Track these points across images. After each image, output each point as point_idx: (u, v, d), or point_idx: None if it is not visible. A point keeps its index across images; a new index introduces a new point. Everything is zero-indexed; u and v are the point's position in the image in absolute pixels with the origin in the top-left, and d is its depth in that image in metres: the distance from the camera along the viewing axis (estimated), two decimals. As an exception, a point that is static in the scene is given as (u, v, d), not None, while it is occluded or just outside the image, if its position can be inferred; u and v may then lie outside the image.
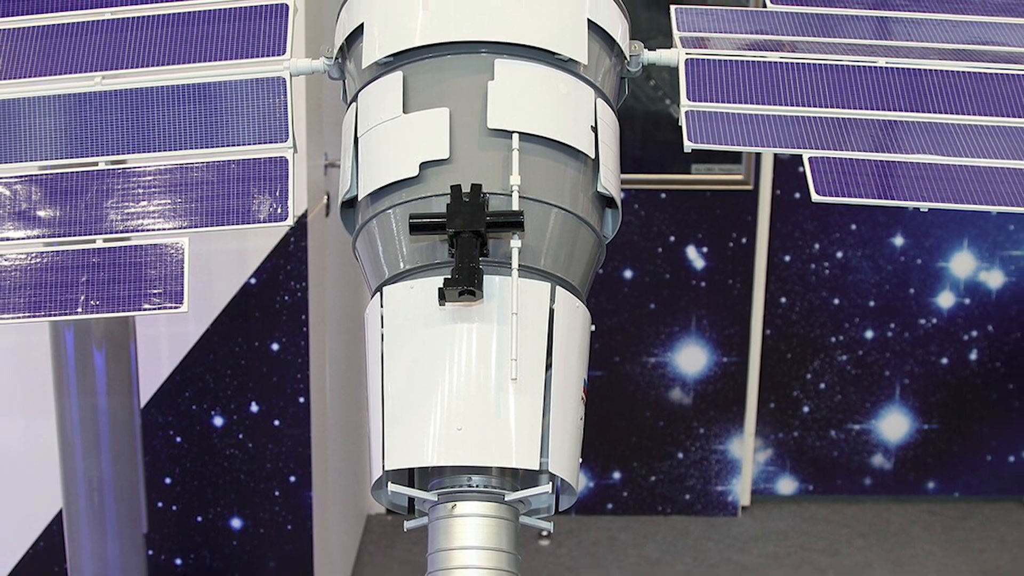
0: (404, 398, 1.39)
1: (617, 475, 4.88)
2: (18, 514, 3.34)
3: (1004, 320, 4.85)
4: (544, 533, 4.57)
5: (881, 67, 1.73)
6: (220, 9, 1.68)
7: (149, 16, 1.68)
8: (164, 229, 1.56)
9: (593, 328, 1.51)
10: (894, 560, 4.57)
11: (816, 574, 4.47)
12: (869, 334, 4.86)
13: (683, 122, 1.66)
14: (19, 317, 1.54)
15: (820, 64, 1.72)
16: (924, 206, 1.61)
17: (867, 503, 5.02)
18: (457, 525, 1.39)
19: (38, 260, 1.56)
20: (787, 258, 4.79)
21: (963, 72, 1.73)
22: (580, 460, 1.44)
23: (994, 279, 4.81)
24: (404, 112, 1.49)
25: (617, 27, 1.64)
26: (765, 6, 1.86)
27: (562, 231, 1.47)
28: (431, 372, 1.38)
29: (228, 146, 1.60)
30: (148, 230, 1.56)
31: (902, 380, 4.90)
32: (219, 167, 1.59)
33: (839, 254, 4.79)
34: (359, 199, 1.53)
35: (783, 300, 4.83)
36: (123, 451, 2.71)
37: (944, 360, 4.88)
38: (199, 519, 3.40)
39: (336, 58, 1.68)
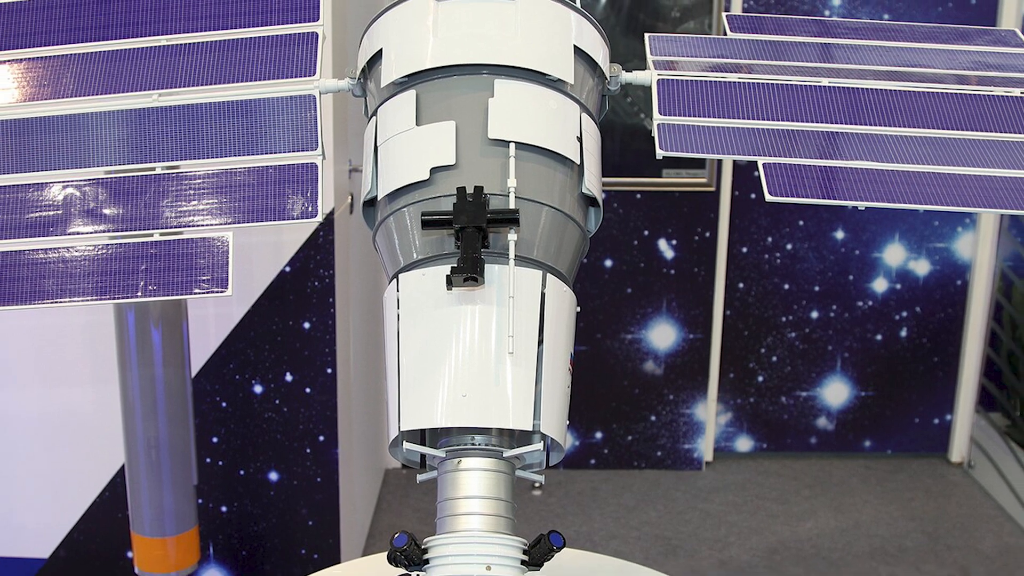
0: (417, 369, 1.39)
1: (599, 435, 4.89)
2: (87, 468, 3.35)
3: (930, 303, 4.86)
4: (536, 485, 4.58)
5: (824, 86, 1.73)
6: (260, 37, 1.67)
7: (200, 43, 1.68)
8: (212, 225, 1.56)
9: (578, 309, 1.51)
10: (836, 508, 4.58)
11: (769, 520, 4.48)
12: (814, 314, 4.86)
13: (655, 133, 1.65)
14: (88, 300, 1.53)
15: (772, 83, 1.72)
16: (862, 205, 1.61)
17: (813, 459, 5.03)
18: (462, 477, 1.39)
19: (104, 251, 1.56)
20: (744, 249, 4.80)
21: (894, 90, 1.73)
22: (567, 422, 1.45)
23: (921, 267, 4.82)
24: (417, 124, 1.49)
25: (599, 52, 1.64)
26: (726, 34, 1.86)
27: (552, 226, 1.47)
28: (440, 347, 1.38)
29: (266, 154, 1.60)
30: (198, 225, 1.56)
31: (842, 354, 4.91)
32: (259, 172, 1.59)
33: (789, 246, 4.79)
34: (378, 199, 1.53)
35: (741, 285, 4.84)
36: (176, 414, 2.71)
37: (878, 337, 4.89)
38: (242, 472, 3.41)
39: (359, 79, 1.67)
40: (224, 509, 3.43)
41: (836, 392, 4.97)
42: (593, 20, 1.63)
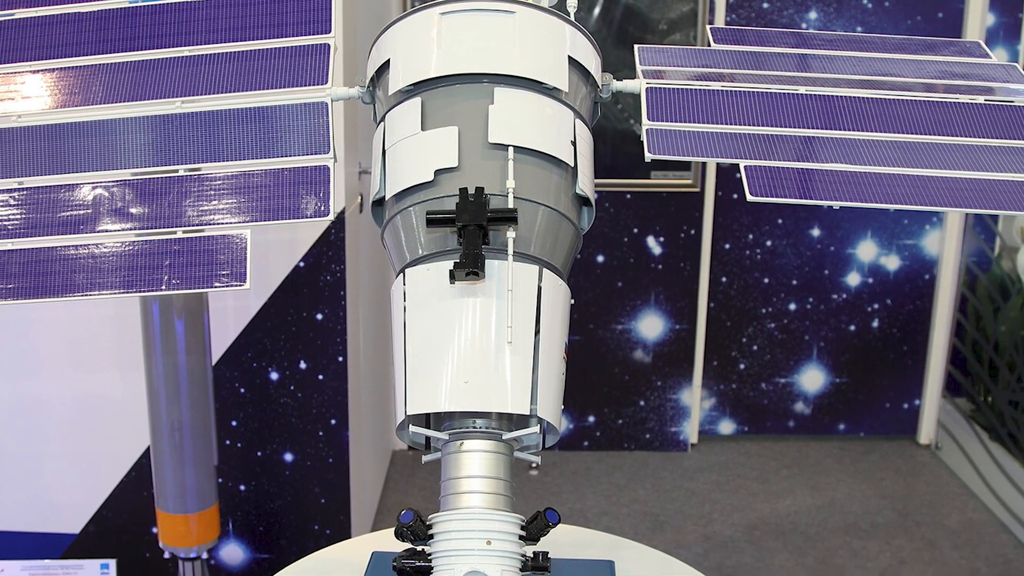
0: (422, 357, 1.39)
1: (592, 418, 4.89)
2: (115, 450, 3.35)
3: (899, 296, 4.87)
4: (533, 465, 4.58)
5: (802, 94, 1.73)
6: (276, 48, 1.67)
7: (220, 54, 1.68)
8: (231, 223, 1.56)
9: (572, 302, 1.51)
10: (812, 486, 4.59)
11: (750, 498, 4.48)
12: (792, 306, 4.87)
13: (644, 137, 1.65)
14: (116, 293, 1.54)
15: (753, 91, 1.72)
16: (836, 204, 1.61)
17: (790, 441, 5.03)
18: (464, 458, 1.40)
19: (130, 247, 1.56)
20: (727, 246, 4.80)
21: (867, 98, 1.73)
22: (562, 406, 1.45)
23: (892, 263, 4.82)
24: (422, 130, 1.49)
25: (592, 62, 1.64)
26: (710, 45, 1.86)
27: (548, 225, 1.47)
28: (443, 336, 1.39)
29: (282, 157, 1.60)
30: (218, 223, 1.56)
31: (818, 343, 4.91)
32: (275, 173, 1.59)
33: (768, 242, 4.79)
34: (386, 199, 1.53)
35: (724, 279, 4.84)
36: (198, 399, 2.72)
37: (852, 327, 4.90)
38: (259, 454, 3.41)
39: (368, 87, 1.67)
40: (242, 488, 3.44)
41: (812, 379, 4.97)
42: (586, 32, 1.63)
